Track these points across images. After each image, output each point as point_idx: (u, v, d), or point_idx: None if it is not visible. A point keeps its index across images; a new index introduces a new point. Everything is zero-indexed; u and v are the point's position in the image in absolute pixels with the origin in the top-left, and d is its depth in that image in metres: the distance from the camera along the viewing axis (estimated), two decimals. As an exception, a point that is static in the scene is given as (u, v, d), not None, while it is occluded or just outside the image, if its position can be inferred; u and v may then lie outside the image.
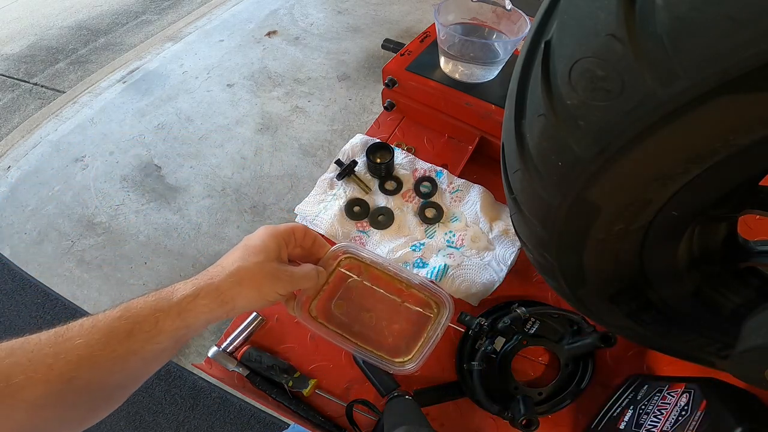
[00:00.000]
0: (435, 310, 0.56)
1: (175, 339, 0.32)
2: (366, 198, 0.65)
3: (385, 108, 0.75)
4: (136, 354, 0.30)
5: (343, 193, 0.65)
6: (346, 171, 0.65)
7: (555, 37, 0.24)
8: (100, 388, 0.30)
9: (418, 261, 0.59)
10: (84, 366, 0.28)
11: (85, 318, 0.30)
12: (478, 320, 0.49)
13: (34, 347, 0.28)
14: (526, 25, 0.60)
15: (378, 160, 0.65)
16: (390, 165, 0.65)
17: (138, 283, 1.43)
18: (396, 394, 0.50)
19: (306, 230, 0.42)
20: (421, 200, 0.65)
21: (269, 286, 0.36)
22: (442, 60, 0.68)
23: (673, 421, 0.38)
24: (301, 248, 0.43)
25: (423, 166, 0.67)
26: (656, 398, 0.43)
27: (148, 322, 0.31)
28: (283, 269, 0.37)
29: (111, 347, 0.29)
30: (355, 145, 0.69)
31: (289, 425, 0.62)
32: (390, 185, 0.66)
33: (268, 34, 2.29)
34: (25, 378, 0.26)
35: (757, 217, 0.44)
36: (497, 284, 0.57)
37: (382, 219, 0.63)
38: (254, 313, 0.56)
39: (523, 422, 0.45)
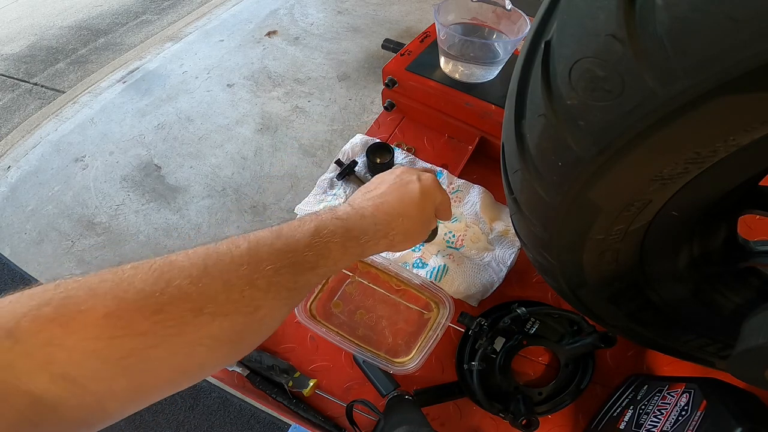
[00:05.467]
0: (435, 310, 0.56)
1: (338, 272, 0.33)
2: (366, 198, 0.65)
3: (385, 108, 0.75)
4: (308, 285, 0.29)
5: (343, 193, 0.65)
6: (346, 171, 0.65)
7: (555, 37, 0.24)
8: (274, 321, 0.28)
9: (418, 261, 0.59)
10: (269, 295, 0.26)
11: (272, 232, 0.28)
12: (478, 320, 0.49)
13: (228, 266, 0.25)
14: (526, 25, 0.60)
15: (378, 160, 0.65)
16: (390, 165, 0.65)
17: (138, 283, 1.42)
18: (396, 394, 0.50)
19: (448, 205, 0.44)
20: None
21: (419, 240, 0.41)
22: (442, 60, 0.68)
23: (673, 421, 0.38)
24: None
25: (423, 166, 0.67)
26: (656, 398, 0.43)
27: (332, 257, 0.30)
28: (429, 226, 0.42)
29: (295, 278, 0.28)
30: (355, 145, 0.69)
31: (289, 425, 0.62)
32: (390, 185, 0.66)
33: (268, 34, 2.29)
34: (215, 308, 0.23)
35: (757, 217, 0.44)
36: (497, 285, 0.57)
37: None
38: (254, 313, 0.56)
39: (523, 422, 0.45)
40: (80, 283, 0.21)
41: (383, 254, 0.59)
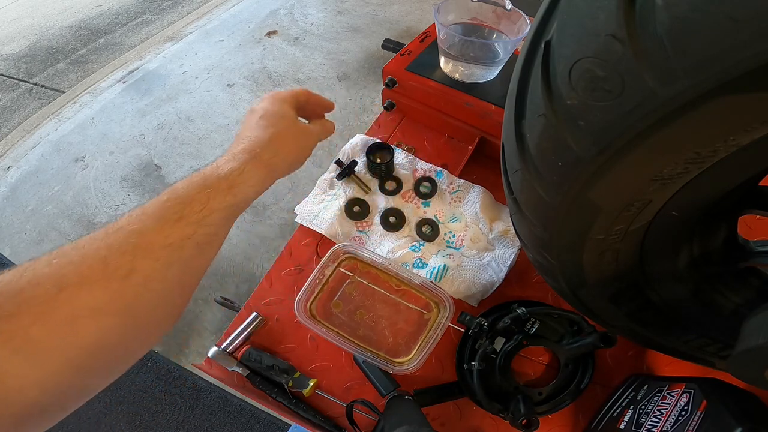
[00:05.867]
0: (435, 310, 0.56)
1: (226, 218, 0.32)
2: (366, 198, 0.65)
3: (385, 108, 0.75)
4: (190, 239, 0.28)
5: (343, 193, 0.65)
6: (346, 171, 0.65)
7: (555, 37, 0.24)
8: (161, 285, 0.27)
9: (418, 261, 0.59)
10: (140, 255, 0.25)
11: (131, 209, 0.28)
12: (478, 320, 0.49)
13: (86, 243, 0.25)
14: (526, 25, 0.60)
15: (378, 160, 0.65)
16: (390, 165, 0.65)
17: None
18: (396, 394, 0.50)
19: (308, 93, 0.45)
20: (421, 201, 0.65)
21: (304, 146, 0.42)
22: (442, 60, 0.68)
23: (673, 421, 0.38)
24: (303, 110, 0.45)
25: (423, 166, 0.67)
26: (656, 398, 0.43)
27: (199, 201, 0.30)
28: (307, 128, 0.42)
29: (164, 233, 0.27)
30: (355, 145, 0.69)
31: (289, 425, 0.62)
32: (390, 185, 0.66)
33: (268, 34, 2.29)
34: (79, 279, 0.23)
35: (757, 217, 0.44)
36: (497, 285, 0.57)
37: (394, 221, 0.63)
38: (254, 313, 0.56)
39: (523, 422, 0.45)
40: None
41: (383, 254, 0.59)
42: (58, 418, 0.23)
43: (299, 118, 0.43)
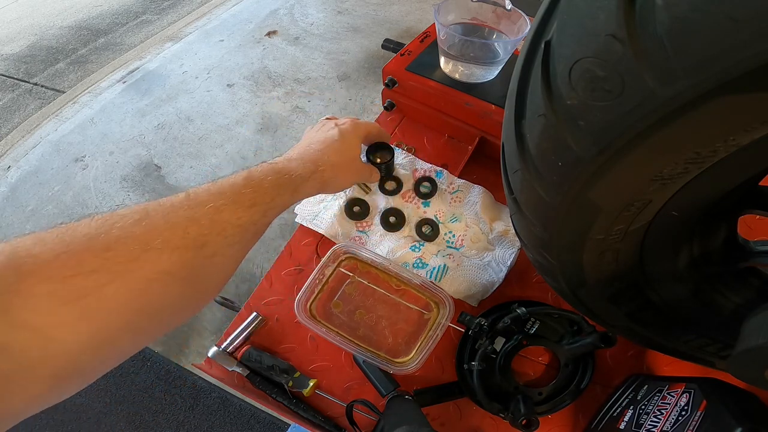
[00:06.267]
0: (435, 310, 0.56)
1: (278, 214, 0.35)
2: (366, 198, 0.65)
3: (385, 108, 0.75)
4: (255, 224, 0.31)
5: (343, 193, 0.65)
6: (346, 171, 0.65)
7: (555, 37, 0.24)
8: (222, 260, 0.29)
9: (418, 261, 0.59)
10: (214, 231, 0.28)
11: (208, 183, 0.31)
12: (478, 320, 0.49)
13: (169, 209, 0.27)
14: (526, 25, 0.60)
15: (378, 160, 0.65)
16: (390, 165, 0.65)
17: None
18: (396, 394, 0.50)
19: (380, 131, 0.54)
20: (421, 201, 0.65)
21: (354, 178, 0.48)
22: (442, 60, 0.68)
23: (673, 421, 0.38)
24: (367, 139, 0.53)
25: (423, 166, 0.67)
26: (656, 398, 0.43)
27: (269, 194, 0.33)
28: (362, 169, 0.50)
29: (237, 214, 0.30)
30: (355, 145, 0.69)
31: (289, 425, 0.62)
32: (390, 185, 0.66)
33: (268, 34, 2.29)
34: (162, 242, 0.24)
35: (757, 217, 0.44)
36: (497, 285, 0.57)
37: (394, 221, 0.63)
38: (254, 313, 0.56)
39: (523, 422, 0.45)
40: (28, 235, 0.22)
41: (383, 254, 0.59)
42: (96, 377, 0.24)
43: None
